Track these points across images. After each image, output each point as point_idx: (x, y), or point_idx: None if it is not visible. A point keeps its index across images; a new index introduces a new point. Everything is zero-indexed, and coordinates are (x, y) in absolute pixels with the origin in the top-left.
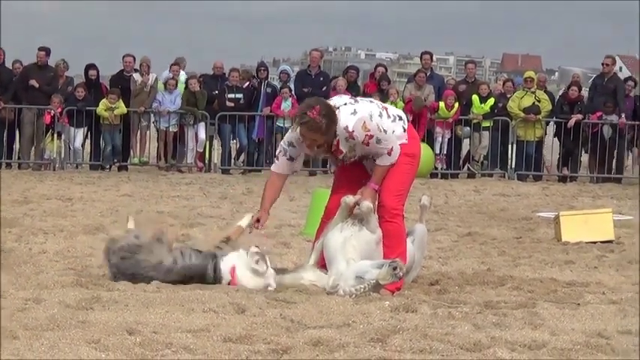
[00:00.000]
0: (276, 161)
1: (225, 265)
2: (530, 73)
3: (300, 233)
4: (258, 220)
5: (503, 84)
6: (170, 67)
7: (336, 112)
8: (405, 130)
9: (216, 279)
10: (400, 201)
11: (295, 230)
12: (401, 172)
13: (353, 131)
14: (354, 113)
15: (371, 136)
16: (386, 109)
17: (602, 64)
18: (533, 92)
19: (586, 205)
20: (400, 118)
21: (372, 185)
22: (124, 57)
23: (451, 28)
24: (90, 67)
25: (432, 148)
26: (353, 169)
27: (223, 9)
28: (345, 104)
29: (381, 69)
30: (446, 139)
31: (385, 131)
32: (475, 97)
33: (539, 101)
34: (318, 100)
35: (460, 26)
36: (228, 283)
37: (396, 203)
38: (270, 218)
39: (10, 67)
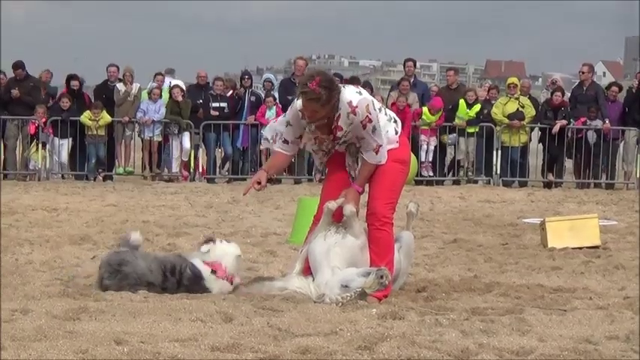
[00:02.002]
0: (274, 144)
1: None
2: (513, 79)
3: (286, 241)
4: (259, 182)
5: (488, 91)
6: (154, 77)
7: (341, 87)
8: (397, 134)
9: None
10: (391, 209)
11: (281, 238)
12: (392, 180)
13: (356, 107)
14: (359, 93)
15: (370, 120)
16: (384, 107)
17: (579, 72)
18: (517, 98)
19: (571, 211)
20: (395, 121)
21: (355, 187)
22: (108, 67)
23: (434, 35)
24: (72, 77)
25: (417, 155)
26: (341, 179)
27: (205, 16)
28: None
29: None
30: (431, 147)
31: (381, 127)
32: (462, 102)
33: (523, 107)
34: (320, 72)
35: (443, 33)
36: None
37: (386, 211)
38: (255, 227)
39: None
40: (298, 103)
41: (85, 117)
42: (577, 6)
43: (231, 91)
